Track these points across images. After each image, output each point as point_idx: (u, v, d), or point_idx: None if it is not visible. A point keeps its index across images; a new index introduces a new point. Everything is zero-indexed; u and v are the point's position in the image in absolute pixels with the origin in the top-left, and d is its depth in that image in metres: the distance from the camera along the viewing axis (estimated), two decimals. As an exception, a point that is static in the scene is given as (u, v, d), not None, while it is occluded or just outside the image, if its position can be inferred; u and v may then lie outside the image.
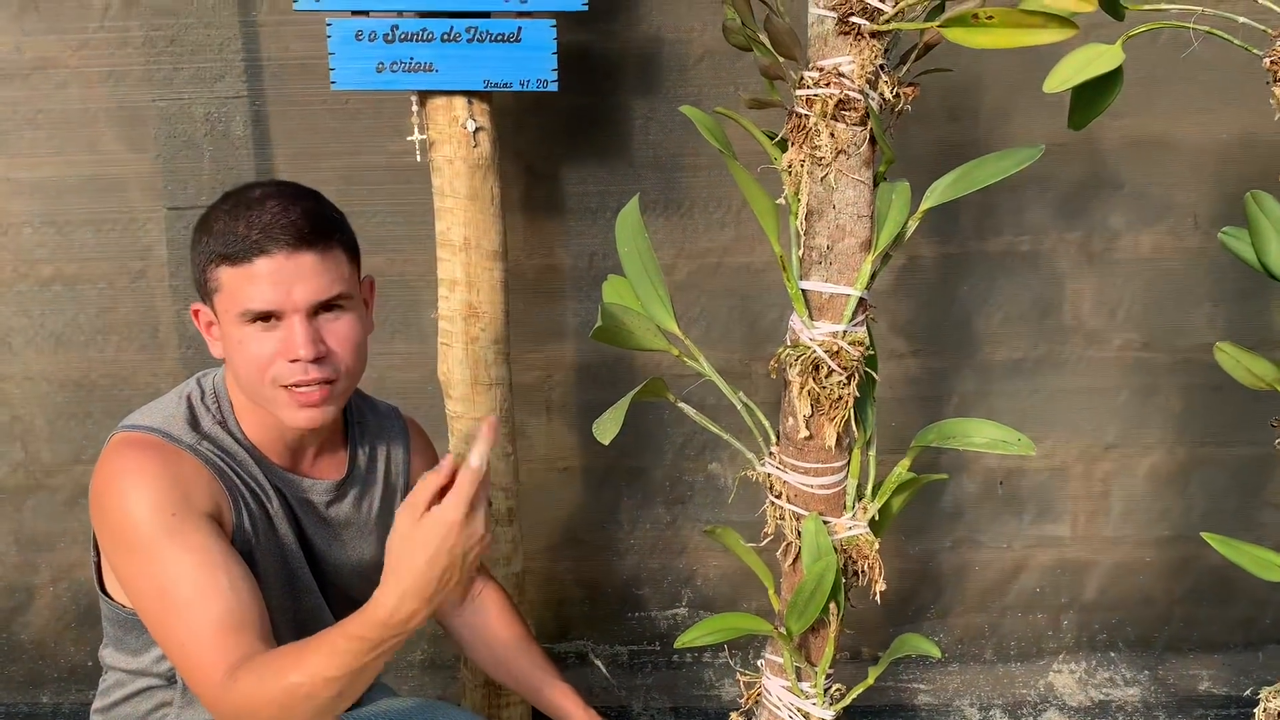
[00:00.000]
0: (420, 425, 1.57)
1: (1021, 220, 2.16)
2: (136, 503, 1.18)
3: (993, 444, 1.42)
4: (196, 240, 1.25)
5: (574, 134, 2.11)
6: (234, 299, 1.21)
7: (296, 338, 1.20)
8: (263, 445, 1.32)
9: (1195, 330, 2.21)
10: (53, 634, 2.31)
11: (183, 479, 1.21)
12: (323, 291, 1.22)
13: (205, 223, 1.24)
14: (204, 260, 1.23)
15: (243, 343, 1.22)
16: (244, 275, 1.19)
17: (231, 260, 1.20)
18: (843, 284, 1.40)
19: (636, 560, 2.32)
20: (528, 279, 2.16)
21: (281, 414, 1.25)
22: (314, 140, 2.10)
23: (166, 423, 1.27)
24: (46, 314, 2.18)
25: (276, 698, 1.10)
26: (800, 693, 1.55)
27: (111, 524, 1.20)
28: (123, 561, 1.20)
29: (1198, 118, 2.12)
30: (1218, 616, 2.34)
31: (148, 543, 1.18)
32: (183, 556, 1.17)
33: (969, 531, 2.31)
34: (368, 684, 1.14)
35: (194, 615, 1.16)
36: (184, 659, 1.17)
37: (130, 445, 1.23)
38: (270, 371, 1.22)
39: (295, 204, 1.22)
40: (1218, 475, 2.27)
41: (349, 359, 1.26)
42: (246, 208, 1.21)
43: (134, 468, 1.20)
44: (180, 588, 1.17)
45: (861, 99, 1.33)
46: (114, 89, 2.07)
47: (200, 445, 1.26)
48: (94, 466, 1.24)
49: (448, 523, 1.03)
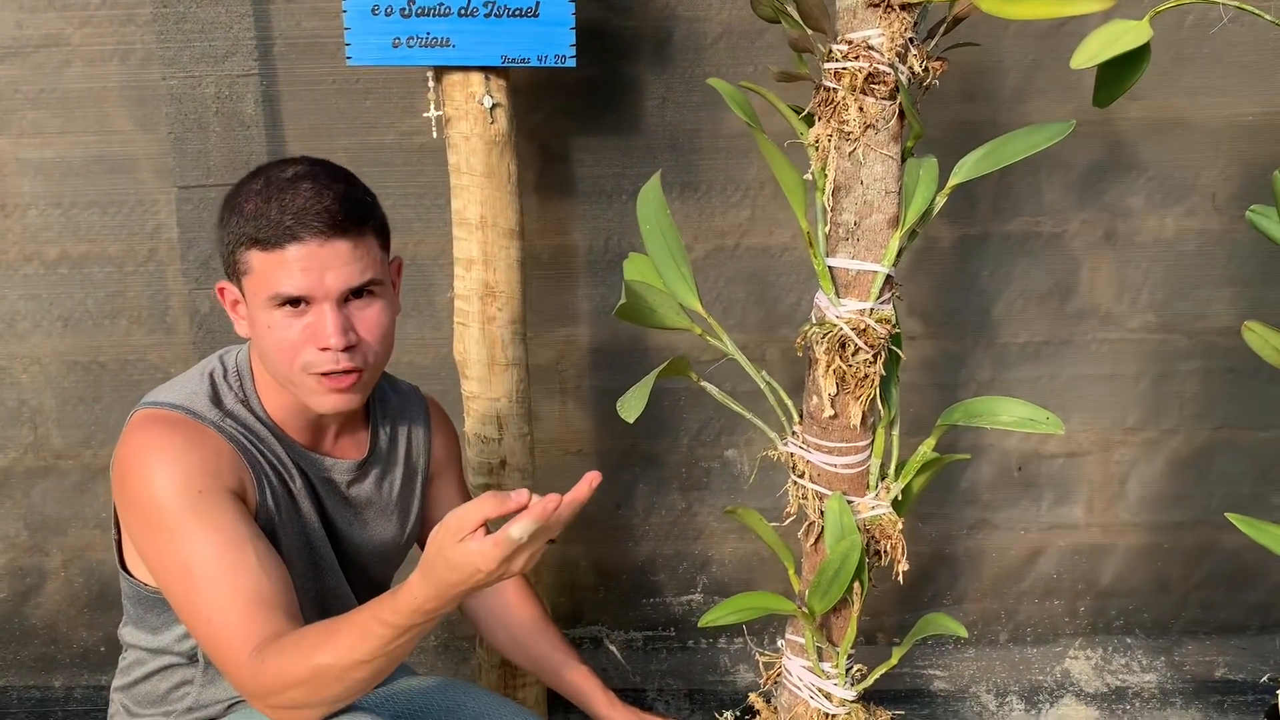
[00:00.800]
0: (440, 404, 1.56)
1: (1039, 202, 2.15)
2: (161, 480, 1.17)
3: (1020, 422, 1.41)
4: (225, 219, 1.22)
5: (588, 113, 2.09)
6: (264, 283, 1.19)
7: (327, 326, 1.19)
8: (285, 424, 1.30)
9: (1212, 313, 2.19)
10: (65, 618, 2.29)
11: (207, 455, 1.20)
12: (355, 278, 1.20)
13: (235, 201, 1.22)
14: (234, 241, 1.21)
15: (272, 327, 1.20)
16: (276, 260, 1.18)
17: (263, 245, 1.18)
18: (870, 261, 1.38)
19: (651, 546, 2.31)
20: (541, 261, 2.14)
21: (309, 399, 1.24)
22: (325, 119, 2.08)
23: (189, 399, 1.25)
24: (54, 296, 2.16)
25: (305, 678, 1.09)
26: (821, 673, 1.54)
27: (136, 501, 1.19)
28: (147, 539, 1.19)
29: (1216, 98, 2.10)
30: (1234, 602, 2.33)
31: (173, 520, 1.16)
32: (209, 534, 1.16)
33: (985, 514, 2.30)
34: (396, 665, 1.13)
35: (220, 592, 1.15)
36: (210, 637, 1.16)
37: (154, 421, 1.22)
38: (300, 358, 1.21)
39: (329, 188, 1.19)
40: (1234, 459, 2.26)
41: (378, 346, 1.25)
42: (279, 190, 1.18)
43: (158, 444, 1.19)
44: (206, 565, 1.15)
45: (891, 72, 1.32)
46: (120, 67, 2.05)
47: (224, 422, 1.25)
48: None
49: (478, 565, 1.01)
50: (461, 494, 1.56)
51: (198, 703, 1.32)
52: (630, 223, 2.13)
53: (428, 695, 1.43)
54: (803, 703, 1.56)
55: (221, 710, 1.32)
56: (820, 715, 1.55)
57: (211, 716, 1.32)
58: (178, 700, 1.33)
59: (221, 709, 1.32)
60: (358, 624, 1.09)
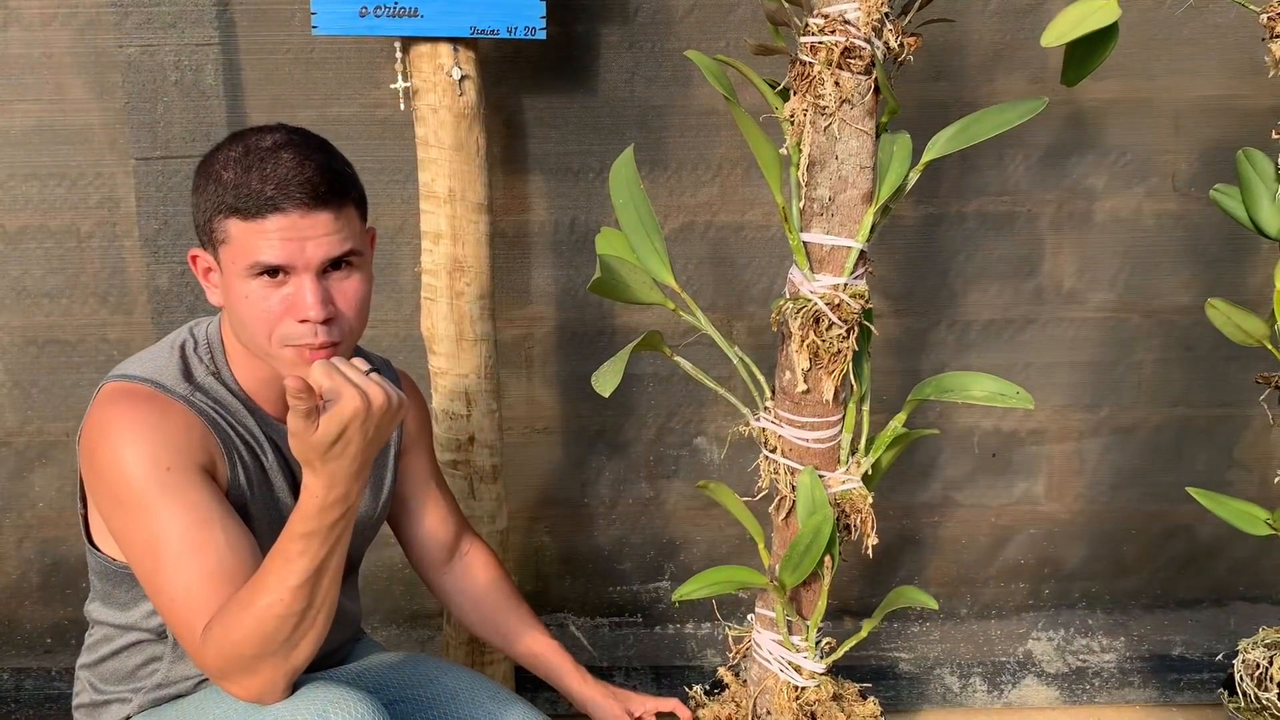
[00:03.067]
0: (412, 378, 1.55)
1: (1003, 181, 2.17)
2: (130, 456, 1.15)
3: (991, 397, 1.43)
4: (201, 186, 1.20)
5: (555, 87, 2.07)
6: (243, 252, 1.17)
7: (307, 298, 1.17)
8: (256, 395, 1.29)
9: (1170, 292, 2.23)
10: (16, 599, 2.25)
11: (177, 431, 1.19)
12: (335, 249, 1.19)
13: (212, 169, 1.19)
14: (211, 208, 1.19)
15: (249, 297, 1.18)
16: (255, 230, 1.16)
17: (244, 214, 1.16)
18: (844, 236, 1.39)
19: (619, 533, 2.31)
20: (506, 237, 2.12)
21: (285, 370, 1.22)
22: (286, 90, 2.04)
23: (159, 373, 1.23)
24: (7, 270, 2.10)
25: (251, 628, 1.09)
26: (791, 646, 1.56)
27: (104, 477, 1.17)
28: (115, 515, 1.18)
29: (1177, 79, 2.13)
30: (1191, 579, 2.38)
31: (141, 497, 1.15)
32: (176, 512, 1.15)
33: (945, 491, 2.33)
34: (336, 586, 1.13)
35: (186, 570, 1.14)
36: (174, 615, 1.15)
37: (124, 395, 1.20)
38: (279, 330, 1.19)
39: (310, 158, 1.18)
40: (1192, 437, 2.31)
41: (354, 319, 1.24)
42: (260, 158, 1.17)
43: (127, 419, 1.17)
44: (172, 543, 1.14)
45: (867, 47, 1.32)
46: (77, 34, 2.00)
47: (194, 396, 1.23)
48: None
49: (340, 414, 1.05)
50: (431, 467, 1.55)
51: (166, 679, 1.30)
52: (598, 200, 2.12)
53: (399, 670, 1.43)
54: (772, 675, 1.57)
55: (190, 687, 1.31)
56: (789, 688, 1.56)
57: (180, 693, 1.31)
58: (146, 677, 1.31)
59: (190, 685, 1.30)
60: (278, 553, 1.10)
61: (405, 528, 1.55)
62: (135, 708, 1.31)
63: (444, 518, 1.55)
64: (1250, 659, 1.68)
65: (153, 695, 1.30)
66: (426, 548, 1.55)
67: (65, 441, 2.17)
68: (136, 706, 1.31)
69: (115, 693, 1.32)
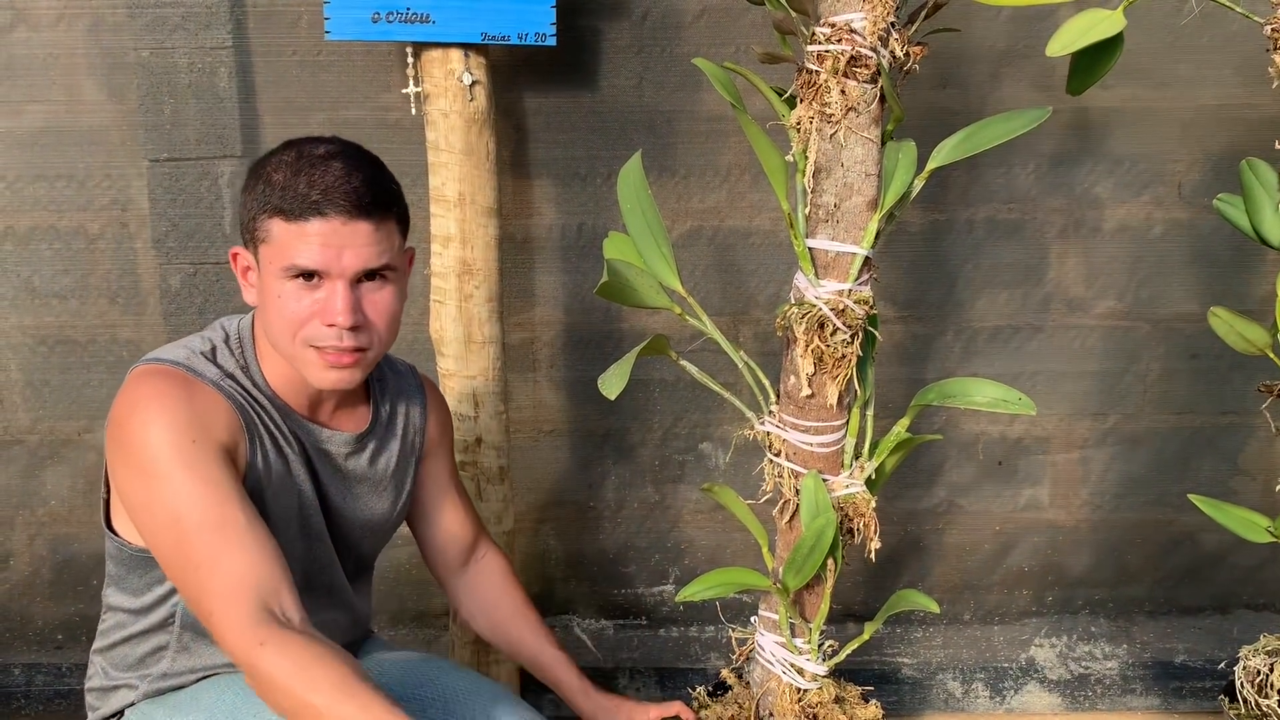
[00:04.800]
0: (435, 384, 1.57)
1: (1010, 189, 2.18)
2: (158, 428, 1.17)
3: (994, 403, 1.44)
4: (251, 186, 1.24)
5: (564, 93, 2.09)
6: (281, 252, 1.21)
7: (337, 303, 1.21)
8: (284, 393, 1.32)
9: (1175, 299, 2.24)
10: (28, 596, 2.27)
11: (204, 410, 1.21)
12: (372, 260, 1.22)
13: (264, 170, 1.23)
14: (257, 208, 1.23)
15: (281, 297, 1.22)
16: (296, 232, 1.20)
17: (287, 215, 1.20)
18: (849, 242, 1.40)
19: (624, 537, 2.32)
20: (516, 240, 2.14)
21: (307, 372, 1.26)
22: (298, 93, 2.06)
23: (189, 358, 1.27)
24: (21, 270, 2.13)
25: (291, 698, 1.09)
26: (794, 648, 1.57)
27: (131, 448, 1.19)
28: (139, 486, 1.19)
29: (1184, 88, 2.14)
30: (1194, 587, 2.38)
31: (166, 467, 1.17)
32: (200, 486, 1.17)
33: (950, 498, 2.33)
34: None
35: (210, 541, 1.15)
36: (198, 585, 1.15)
37: (155, 374, 1.23)
38: (304, 331, 1.23)
39: (359, 169, 1.22)
40: (1196, 445, 2.31)
41: (384, 330, 1.27)
42: (310, 164, 1.21)
43: (156, 394, 1.20)
44: (195, 514, 1.16)
45: (873, 56, 1.33)
46: (92, 36, 2.02)
47: (223, 382, 1.26)
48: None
49: None
50: (450, 472, 1.56)
51: (170, 670, 1.32)
52: (605, 205, 2.13)
53: (402, 669, 1.44)
54: (775, 677, 1.58)
55: (192, 681, 1.32)
56: (792, 690, 1.57)
57: (180, 685, 1.32)
58: (152, 665, 1.33)
59: (192, 679, 1.32)
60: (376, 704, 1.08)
61: (423, 530, 1.56)
62: (140, 695, 1.33)
63: (461, 522, 1.57)
64: (1251, 666, 1.69)
65: (156, 685, 1.33)
66: (443, 550, 1.57)
67: (77, 440, 2.19)
68: (141, 694, 1.33)
69: (124, 678, 1.35)
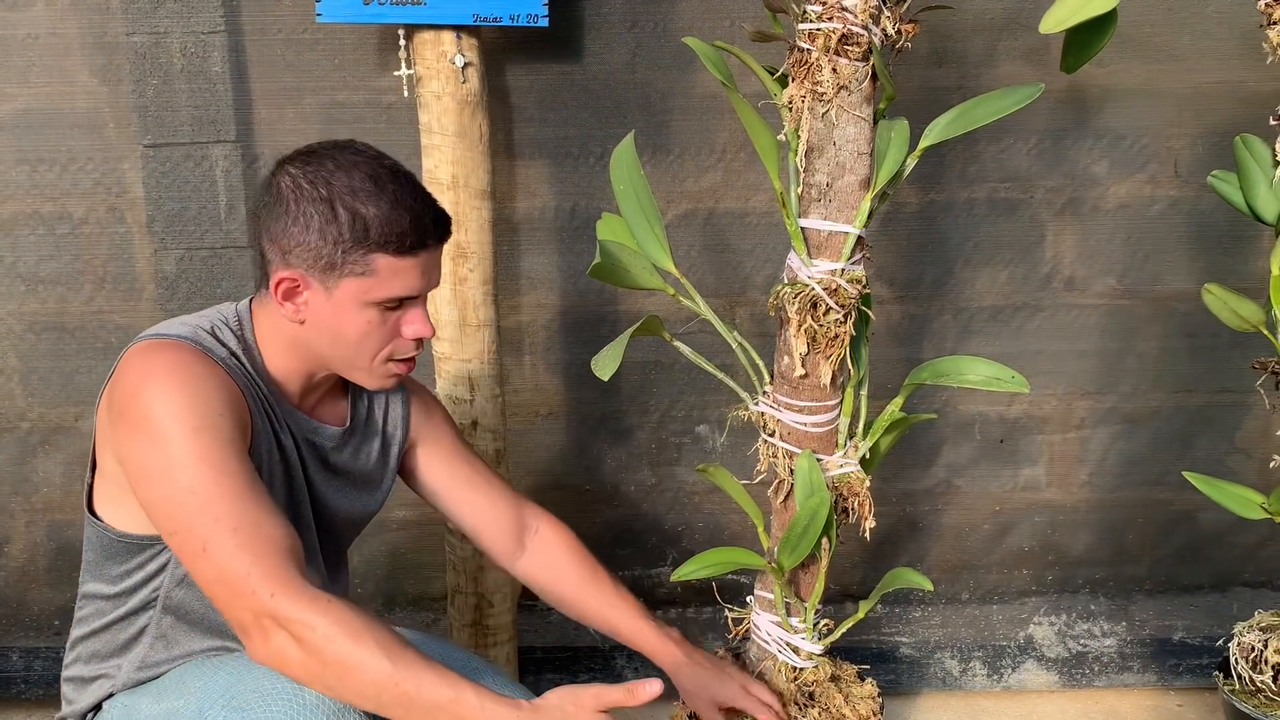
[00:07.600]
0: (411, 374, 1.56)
1: (1005, 167, 2.17)
2: (175, 395, 1.16)
3: (987, 381, 1.44)
4: (327, 216, 1.20)
5: (556, 72, 2.07)
6: (384, 284, 1.23)
7: (427, 321, 1.29)
8: (281, 383, 1.32)
9: (1172, 277, 2.23)
10: (26, 581, 2.28)
11: (215, 384, 1.21)
12: (441, 276, 1.32)
13: (345, 201, 1.20)
14: (352, 242, 1.20)
15: (370, 323, 1.24)
16: (406, 265, 1.23)
17: (399, 251, 1.22)
18: (842, 222, 1.40)
19: (621, 519, 2.32)
20: (509, 223, 2.13)
21: (364, 378, 1.31)
22: (292, 76, 2.06)
23: (196, 334, 1.26)
24: (16, 256, 2.12)
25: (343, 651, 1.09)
26: (790, 627, 1.57)
27: (143, 416, 1.16)
28: (153, 455, 1.16)
29: (1179, 65, 2.13)
30: (1192, 565, 2.39)
31: (187, 433, 1.15)
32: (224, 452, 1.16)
33: (948, 478, 2.34)
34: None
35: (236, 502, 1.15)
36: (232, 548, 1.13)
37: (165, 347, 1.22)
38: (387, 350, 1.28)
39: (423, 188, 1.27)
40: (1193, 423, 2.31)
41: None
42: (396, 192, 1.22)
43: (170, 364, 1.19)
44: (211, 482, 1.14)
45: (864, 34, 1.33)
46: (85, 19, 2.01)
47: (229, 360, 1.26)
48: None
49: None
50: (457, 456, 1.52)
51: (146, 660, 1.32)
52: (599, 186, 2.13)
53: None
54: (771, 656, 1.59)
55: (164, 672, 1.32)
56: (788, 669, 1.58)
57: (154, 676, 1.32)
58: (128, 654, 1.32)
59: (170, 668, 1.32)
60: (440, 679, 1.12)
61: (459, 520, 1.53)
62: (119, 685, 1.32)
63: (495, 500, 1.52)
64: (1245, 642, 1.70)
65: (134, 676, 1.32)
66: (492, 535, 1.52)
67: (72, 426, 2.19)
68: (119, 684, 1.32)
69: (101, 669, 1.34)
